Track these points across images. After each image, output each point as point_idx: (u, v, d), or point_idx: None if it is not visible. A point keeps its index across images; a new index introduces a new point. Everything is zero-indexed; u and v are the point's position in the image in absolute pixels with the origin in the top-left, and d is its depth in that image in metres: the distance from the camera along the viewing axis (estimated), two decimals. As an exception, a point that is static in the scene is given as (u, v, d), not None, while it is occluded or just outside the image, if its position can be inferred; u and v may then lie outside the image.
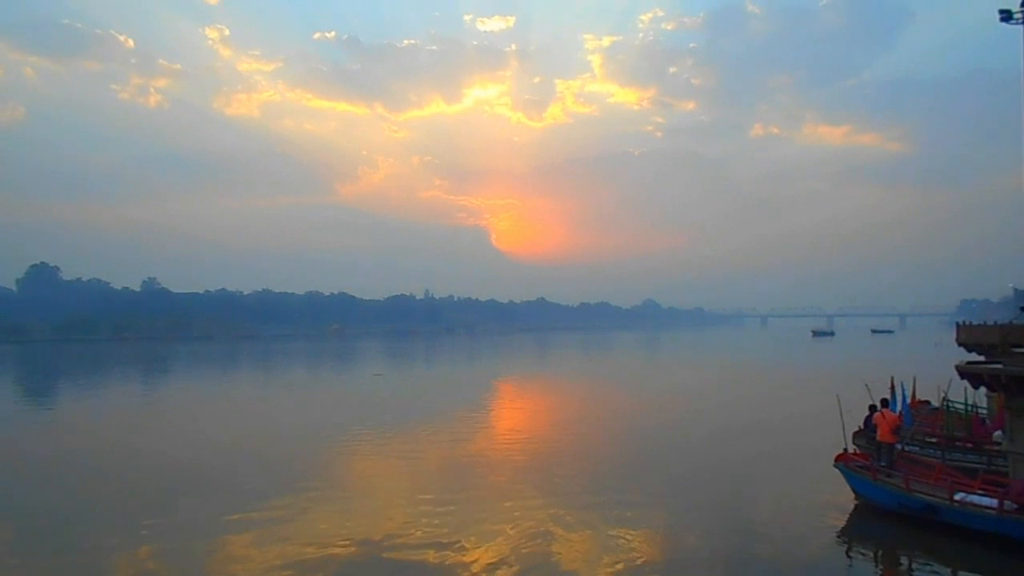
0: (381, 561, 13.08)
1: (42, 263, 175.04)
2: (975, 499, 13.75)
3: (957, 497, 13.92)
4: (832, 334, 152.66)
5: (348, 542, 14.01)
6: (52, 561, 13.27)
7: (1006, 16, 21.88)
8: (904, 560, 13.93)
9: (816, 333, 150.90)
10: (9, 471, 21.83)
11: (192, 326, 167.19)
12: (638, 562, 12.85)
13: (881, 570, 13.37)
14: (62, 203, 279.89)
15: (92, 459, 23.45)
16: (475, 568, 12.59)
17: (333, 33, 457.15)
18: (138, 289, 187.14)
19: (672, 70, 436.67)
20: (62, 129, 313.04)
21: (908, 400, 21.17)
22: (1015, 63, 21.62)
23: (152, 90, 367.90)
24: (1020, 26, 21.63)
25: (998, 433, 16.96)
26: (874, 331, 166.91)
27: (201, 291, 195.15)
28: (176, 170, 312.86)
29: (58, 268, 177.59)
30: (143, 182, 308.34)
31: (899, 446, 17.22)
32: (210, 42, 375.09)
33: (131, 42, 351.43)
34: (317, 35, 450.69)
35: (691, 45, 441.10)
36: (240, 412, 36.80)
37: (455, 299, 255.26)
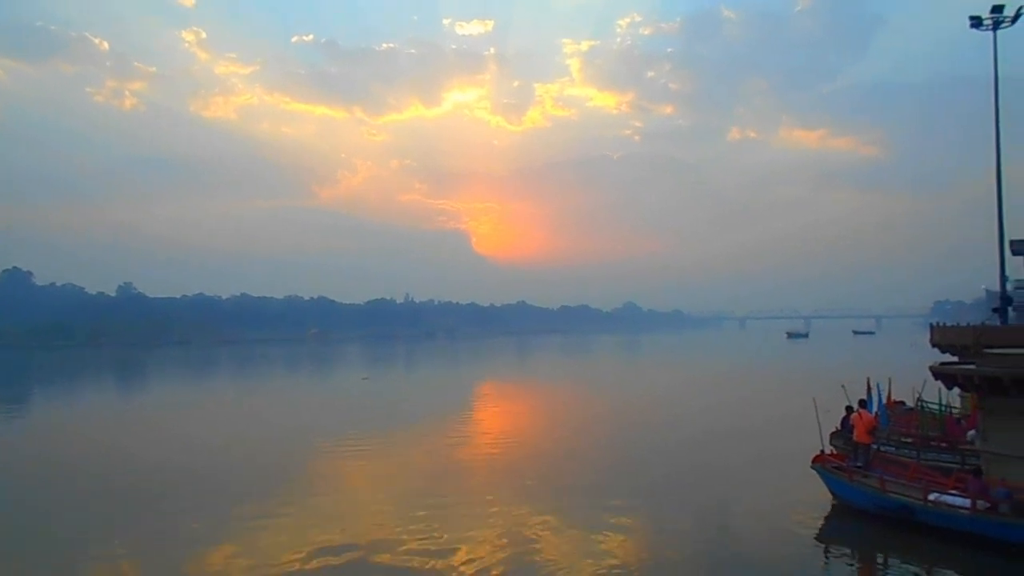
0: (366, 564, 12.99)
1: (14, 268, 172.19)
2: (948, 499, 13.93)
3: (931, 497, 14.09)
4: (806, 336, 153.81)
5: (335, 545, 13.90)
6: (36, 568, 13.04)
7: (976, 23, 22.32)
8: (880, 560, 14.06)
9: (790, 335, 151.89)
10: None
11: (169, 331, 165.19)
12: (619, 563, 12.87)
13: (857, 570, 13.50)
14: (35, 206, 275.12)
15: (75, 469, 22.90)
16: (459, 570, 12.55)
17: (311, 36, 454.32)
18: (114, 294, 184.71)
19: (650, 74, 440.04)
20: (36, 131, 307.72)
21: (884, 401, 21.40)
22: (987, 69, 22.04)
23: (127, 93, 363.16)
24: (990, 32, 22.07)
25: (972, 433, 17.21)
26: (856, 332, 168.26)
27: (178, 296, 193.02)
28: (153, 173, 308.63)
29: (31, 273, 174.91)
30: (119, 185, 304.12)
31: (875, 446, 17.40)
32: (186, 45, 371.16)
33: (106, 44, 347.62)
34: (295, 38, 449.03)
35: (668, 50, 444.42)
36: (231, 417, 36.32)
37: (435, 303, 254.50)
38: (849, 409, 18.55)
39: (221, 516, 16.30)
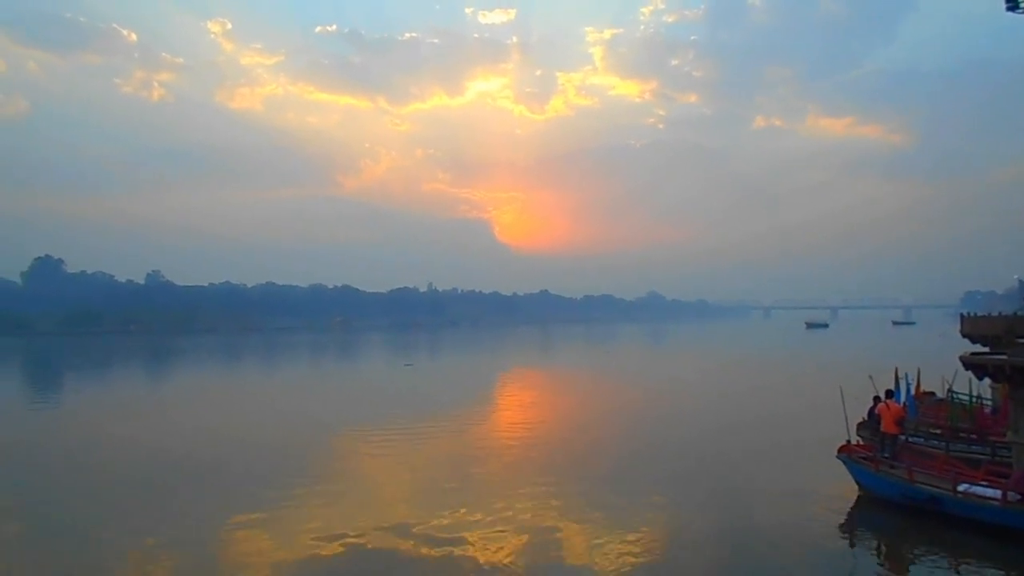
0: (389, 548, 13.16)
1: (47, 256, 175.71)
2: (978, 490, 13.74)
3: (961, 488, 13.90)
4: (826, 326, 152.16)
5: (363, 529, 14.10)
6: (58, 554, 13.33)
7: (1012, 5, 21.66)
8: (907, 551, 13.91)
9: (810, 325, 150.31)
10: (17, 465, 21.86)
11: (197, 319, 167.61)
12: (641, 550, 12.89)
13: (883, 561, 13.38)
14: (66, 196, 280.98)
15: (106, 456, 23.19)
16: (478, 557, 12.68)
17: (334, 26, 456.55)
18: (142, 282, 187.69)
19: (673, 62, 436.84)
20: (66, 123, 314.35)
21: (912, 391, 21.12)
22: (1020, 53, 21.47)
23: (155, 84, 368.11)
24: (1027, 15, 21.42)
25: None
26: (895, 323, 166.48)
27: (205, 284, 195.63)
28: (180, 163, 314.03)
29: (62, 261, 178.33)
30: (147, 175, 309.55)
31: (903, 437, 17.19)
32: (212, 36, 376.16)
33: (134, 36, 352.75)
34: (318, 28, 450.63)
35: (692, 37, 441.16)
36: (280, 406, 36.18)
37: (458, 292, 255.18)
38: (876, 399, 18.34)
39: (255, 501, 16.56)
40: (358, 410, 33.10)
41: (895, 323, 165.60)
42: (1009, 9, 21.71)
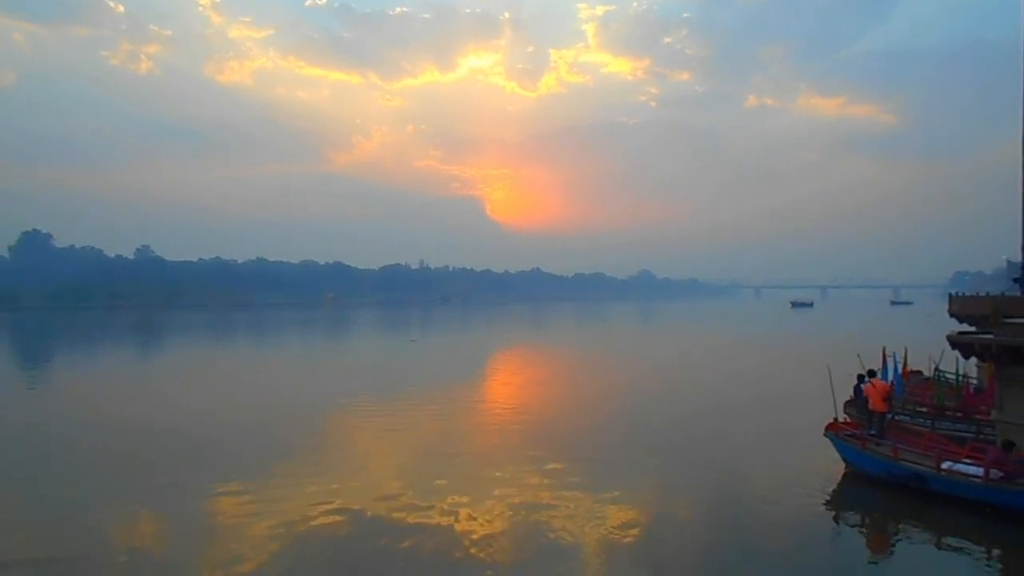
0: (377, 526, 13.22)
1: (34, 230, 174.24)
2: (962, 468, 13.92)
3: (944, 466, 14.08)
4: (811, 305, 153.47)
5: (355, 504, 14.15)
6: (45, 530, 13.28)
7: (1008, -16, 21.51)
8: (891, 527, 14.09)
9: (795, 304, 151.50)
10: (2, 439, 21.80)
11: (186, 294, 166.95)
12: (629, 530, 12.98)
13: (868, 537, 13.54)
14: (54, 169, 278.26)
15: (100, 428, 23.22)
16: (467, 536, 12.76)
17: (324, 0, 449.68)
18: (132, 257, 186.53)
19: (666, 40, 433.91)
20: (53, 95, 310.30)
21: (900, 370, 21.28)
22: (1012, 34, 21.37)
23: (143, 56, 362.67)
24: (1022, -6, 21.32)
25: None
26: (893, 303, 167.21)
27: (195, 259, 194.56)
28: (169, 137, 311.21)
29: (51, 235, 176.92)
30: (136, 149, 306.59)
31: (889, 415, 17.36)
32: (201, 8, 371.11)
33: (121, 8, 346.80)
34: (309, 2, 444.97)
35: (685, 15, 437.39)
36: (288, 381, 36.28)
37: (450, 269, 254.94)
38: (861, 378, 18.49)
39: (249, 475, 16.61)
40: (377, 384, 33.79)
41: (893, 303, 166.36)
42: (1004, -12, 21.54)
